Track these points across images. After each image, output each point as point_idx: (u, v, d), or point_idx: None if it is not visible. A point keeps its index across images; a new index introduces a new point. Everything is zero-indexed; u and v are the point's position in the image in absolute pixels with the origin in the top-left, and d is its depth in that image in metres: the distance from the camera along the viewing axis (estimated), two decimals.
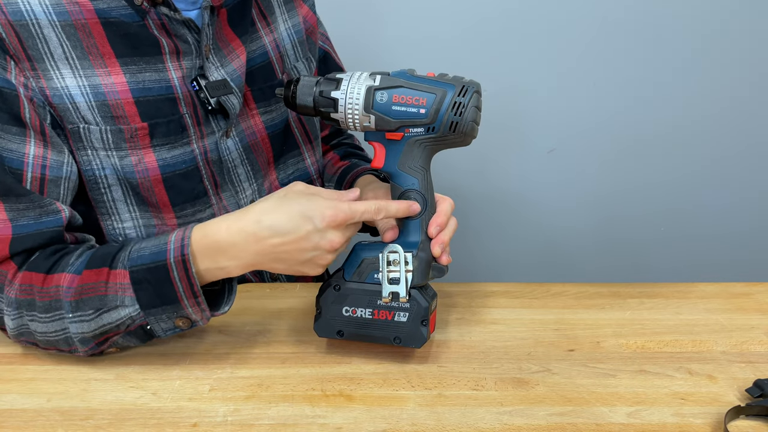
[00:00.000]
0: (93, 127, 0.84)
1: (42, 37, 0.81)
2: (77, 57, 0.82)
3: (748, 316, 0.92)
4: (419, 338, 0.80)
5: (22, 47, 0.80)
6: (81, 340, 0.78)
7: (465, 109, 0.78)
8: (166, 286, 0.76)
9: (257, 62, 0.96)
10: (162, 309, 0.77)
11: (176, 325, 0.78)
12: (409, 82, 0.78)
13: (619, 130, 1.56)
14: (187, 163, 0.90)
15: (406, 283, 0.78)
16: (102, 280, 0.77)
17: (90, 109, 0.83)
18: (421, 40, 1.47)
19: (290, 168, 1.03)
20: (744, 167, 1.61)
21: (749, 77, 1.53)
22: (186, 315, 0.78)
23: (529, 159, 1.58)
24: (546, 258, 1.67)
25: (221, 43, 0.91)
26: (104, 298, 0.76)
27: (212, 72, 0.89)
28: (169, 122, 0.87)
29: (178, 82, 0.87)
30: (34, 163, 0.81)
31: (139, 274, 0.76)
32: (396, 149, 0.80)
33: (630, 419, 0.72)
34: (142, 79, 0.85)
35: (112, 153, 0.85)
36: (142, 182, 0.87)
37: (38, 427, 0.71)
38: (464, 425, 0.72)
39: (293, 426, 0.72)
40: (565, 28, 1.47)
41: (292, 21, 1.02)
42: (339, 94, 0.79)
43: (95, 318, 0.77)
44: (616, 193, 1.62)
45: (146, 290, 0.76)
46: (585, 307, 0.94)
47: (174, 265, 0.75)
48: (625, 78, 1.51)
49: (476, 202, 1.61)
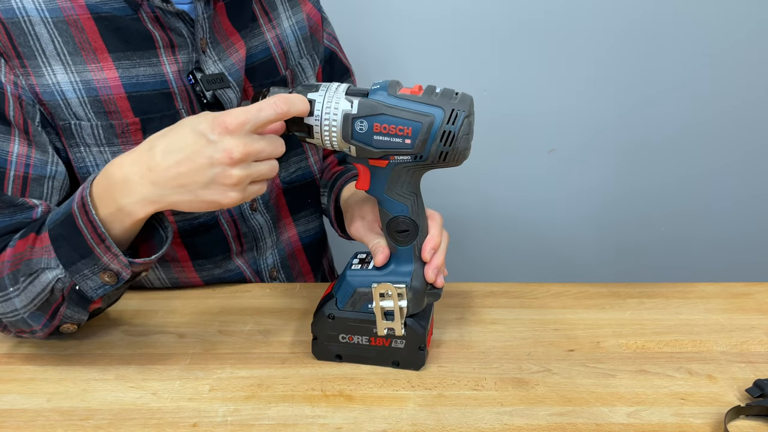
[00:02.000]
0: (84, 123, 0.84)
1: (33, 34, 0.81)
2: (69, 53, 0.82)
3: (748, 316, 0.92)
4: (418, 362, 0.80)
5: (12, 45, 0.80)
6: (30, 317, 0.77)
7: (456, 139, 0.70)
8: (77, 237, 0.72)
9: (258, 58, 0.95)
10: (82, 264, 0.73)
11: (102, 281, 0.74)
12: (390, 107, 0.70)
13: (620, 130, 1.56)
14: None
15: (401, 317, 0.77)
16: (29, 245, 0.75)
17: (82, 105, 0.83)
18: (420, 40, 1.47)
19: (293, 166, 1.03)
20: (744, 168, 1.61)
21: (750, 79, 1.52)
22: (105, 266, 0.73)
23: (529, 159, 1.58)
24: (546, 258, 1.67)
25: (220, 37, 0.90)
26: (29, 262, 0.74)
27: (209, 66, 0.88)
28: (163, 117, 0.86)
29: (173, 76, 0.87)
30: (17, 162, 0.81)
31: (55, 230, 0.74)
32: (382, 174, 0.74)
33: (630, 419, 0.72)
34: (136, 74, 0.84)
35: (105, 149, 0.85)
36: None
37: (38, 427, 0.71)
38: (464, 425, 0.72)
39: (293, 426, 0.72)
40: (566, 28, 1.47)
41: (296, 17, 1.01)
42: (313, 120, 0.71)
43: (28, 286, 0.75)
44: (616, 193, 1.62)
45: (62, 246, 0.73)
46: (585, 307, 0.94)
47: (77, 211, 0.72)
48: (625, 78, 1.51)
49: (476, 201, 1.61)
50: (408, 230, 0.77)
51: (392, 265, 0.79)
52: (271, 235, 1.01)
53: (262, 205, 0.99)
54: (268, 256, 1.02)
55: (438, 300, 0.82)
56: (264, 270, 1.02)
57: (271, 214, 1.01)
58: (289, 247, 1.05)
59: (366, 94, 0.71)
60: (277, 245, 1.03)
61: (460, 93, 0.72)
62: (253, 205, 0.98)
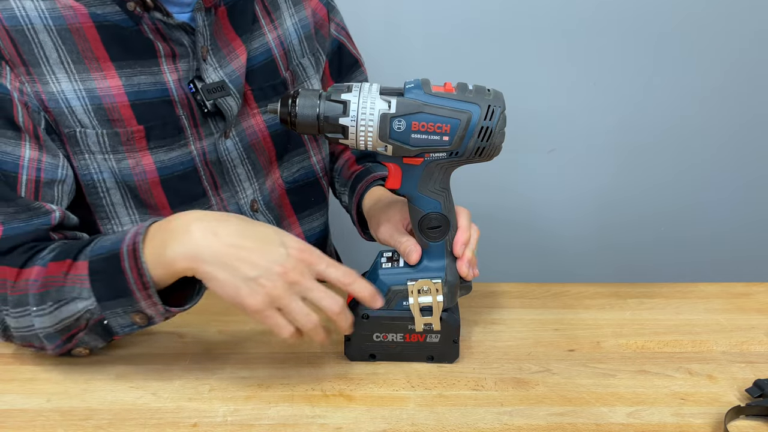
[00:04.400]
0: (89, 131, 0.84)
1: (38, 42, 0.81)
2: (72, 61, 0.82)
3: (748, 316, 0.92)
4: (452, 355, 0.81)
5: (17, 52, 0.80)
6: (46, 336, 0.76)
7: (493, 135, 0.72)
8: (119, 277, 0.72)
9: (259, 60, 0.95)
10: (117, 302, 0.73)
11: (133, 321, 0.74)
12: (428, 105, 0.71)
13: (620, 129, 1.56)
14: (185, 164, 0.89)
15: (439, 312, 0.78)
16: (63, 271, 0.74)
17: (86, 112, 0.83)
18: (420, 40, 1.47)
19: (295, 166, 1.02)
20: (744, 168, 1.61)
21: (749, 77, 1.53)
22: (140, 309, 0.73)
23: (529, 159, 1.58)
24: (546, 258, 1.67)
25: (221, 43, 0.90)
26: (62, 289, 0.74)
27: (209, 73, 0.89)
28: (165, 124, 0.87)
29: (173, 84, 0.87)
30: (29, 167, 0.81)
31: (97, 264, 0.73)
32: (415, 172, 0.75)
33: (630, 419, 0.72)
34: (138, 83, 0.85)
35: (109, 156, 0.85)
36: (140, 185, 0.87)
37: (38, 427, 0.71)
38: (464, 425, 0.72)
39: (293, 426, 0.72)
40: (566, 28, 1.47)
41: (299, 15, 1.01)
42: (348, 121, 0.71)
43: (54, 311, 0.74)
44: (616, 193, 1.62)
45: (101, 281, 0.72)
46: (585, 307, 0.94)
47: (126, 253, 0.72)
48: (625, 78, 1.51)
49: (475, 202, 1.61)
50: (440, 226, 0.78)
51: (424, 261, 0.79)
52: None
53: (263, 205, 0.99)
54: None
55: (470, 293, 0.82)
56: None
57: (273, 214, 1.00)
58: None
59: (400, 93, 0.72)
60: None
61: (492, 89, 0.74)
62: (254, 205, 0.98)
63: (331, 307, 0.72)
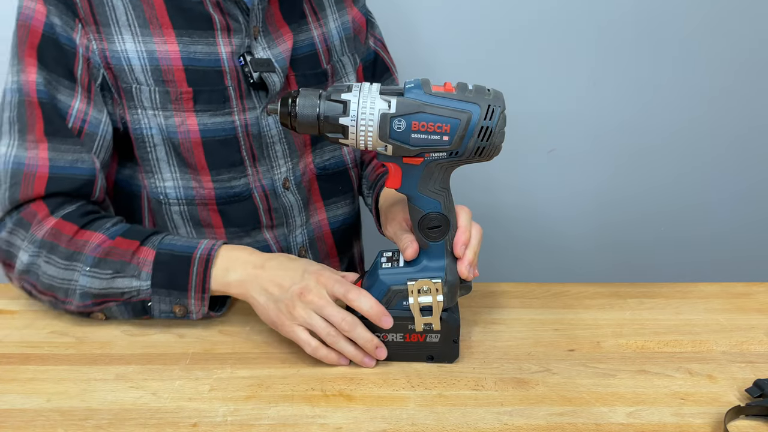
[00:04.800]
0: (144, 87, 0.92)
1: (111, 5, 0.91)
2: (139, 25, 0.92)
3: (748, 316, 0.92)
4: (452, 355, 0.81)
5: (92, 12, 0.90)
6: (82, 294, 0.86)
7: (493, 135, 0.72)
8: (182, 275, 0.84)
9: (304, 51, 1.03)
10: (169, 292, 0.85)
11: (173, 310, 0.86)
12: (428, 105, 0.71)
13: (620, 129, 1.56)
14: (226, 131, 0.96)
15: (439, 312, 0.78)
16: (131, 249, 0.86)
17: (144, 71, 0.92)
18: (420, 40, 1.47)
19: (327, 154, 1.08)
20: (744, 168, 1.61)
21: (749, 78, 1.53)
22: (186, 305, 0.85)
23: (529, 159, 1.58)
24: (546, 258, 1.67)
25: (271, 28, 0.99)
26: (126, 265, 0.85)
27: (259, 51, 0.97)
28: (213, 91, 0.94)
29: (226, 56, 0.95)
30: (76, 116, 0.90)
31: (165, 257, 0.85)
32: (414, 172, 0.75)
33: (630, 419, 0.72)
34: (194, 51, 0.93)
35: (159, 113, 0.93)
36: (183, 143, 0.95)
37: (38, 427, 0.71)
38: (464, 425, 0.72)
39: (293, 426, 0.72)
40: (566, 28, 1.47)
41: (342, 19, 1.10)
42: (348, 121, 0.71)
43: (109, 279, 0.85)
44: (616, 193, 1.62)
45: (163, 271, 0.85)
46: (585, 307, 0.94)
47: (198, 259, 0.85)
48: (625, 78, 1.51)
49: (475, 202, 1.61)
50: (440, 226, 0.78)
51: (424, 261, 0.79)
52: (301, 214, 1.06)
53: (294, 185, 1.04)
54: (297, 234, 1.07)
55: (469, 293, 0.83)
56: (293, 246, 1.07)
57: (302, 195, 1.05)
58: (319, 229, 1.10)
59: (400, 93, 0.72)
60: (307, 226, 1.08)
61: (492, 89, 0.74)
62: (286, 183, 1.03)
63: (339, 324, 0.79)
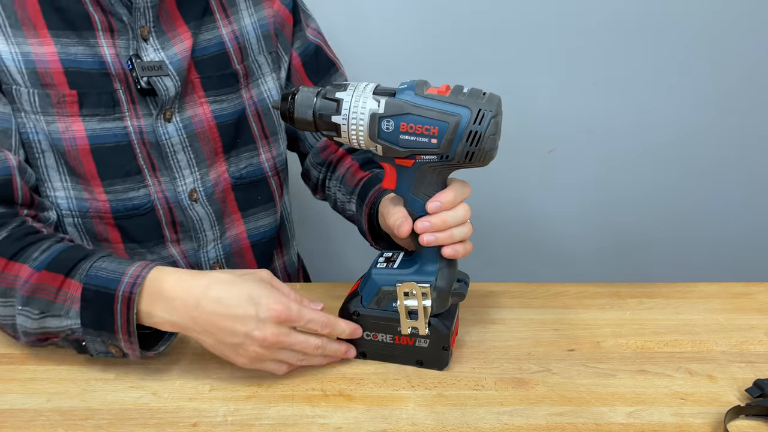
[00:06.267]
0: (22, 89, 0.87)
1: None
2: (11, 26, 0.86)
3: (748, 316, 0.92)
4: (442, 362, 0.80)
5: None
6: (24, 332, 0.80)
7: (482, 140, 0.70)
8: (107, 315, 0.76)
9: (211, 51, 0.96)
10: (98, 333, 0.77)
11: (109, 350, 0.78)
12: (417, 107, 0.70)
13: (620, 130, 1.56)
14: (118, 137, 0.90)
15: (425, 317, 0.77)
16: (55, 286, 0.78)
17: (19, 73, 0.87)
18: (419, 40, 1.47)
19: (243, 162, 1.01)
20: (744, 167, 1.61)
21: (749, 78, 1.52)
22: (119, 347, 0.78)
23: (529, 159, 1.58)
24: (546, 258, 1.67)
25: (166, 27, 0.92)
26: (52, 304, 0.77)
27: (149, 53, 0.90)
28: (100, 94, 0.89)
29: (111, 59, 0.89)
30: None
31: (90, 293, 0.76)
32: (408, 174, 0.75)
33: (630, 419, 0.72)
34: (74, 52, 0.88)
35: (40, 117, 0.88)
36: (69, 150, 0.89)
37: (38, 427, 0.71)
38: (464, 425, 0.72)
39: (293, 426, 0.72)
40: (566, 28, 1.47)
41: (258, 15, 1.02)
42: (341, 119, 0.72)
43: (39, 319, 0.78)
44: (616, 194, 1.62)
45: (90, 310, 0.76)
46: (585, 307, 0.94)
47: (120, 298, 0.76)
48: (625, 78, 1.51)
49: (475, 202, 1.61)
50: None
51: (417, 264, 0.79)
52: (213, 228, 0.99)
53: (204, 196, 0.97)
54: (210, 249, 1.00)
55: (463, 300, 0.82)
56: (205, 263, 1.00)
57: (214, 207, 0.98)
58: (237, 243, 1.03)
59: (393, 94, 0.72)
60: (222, 240, 1.01)
61: (487, 93, 0.72)
62: (193, 195, 0.96)
63: (311, 349, 0.78)
